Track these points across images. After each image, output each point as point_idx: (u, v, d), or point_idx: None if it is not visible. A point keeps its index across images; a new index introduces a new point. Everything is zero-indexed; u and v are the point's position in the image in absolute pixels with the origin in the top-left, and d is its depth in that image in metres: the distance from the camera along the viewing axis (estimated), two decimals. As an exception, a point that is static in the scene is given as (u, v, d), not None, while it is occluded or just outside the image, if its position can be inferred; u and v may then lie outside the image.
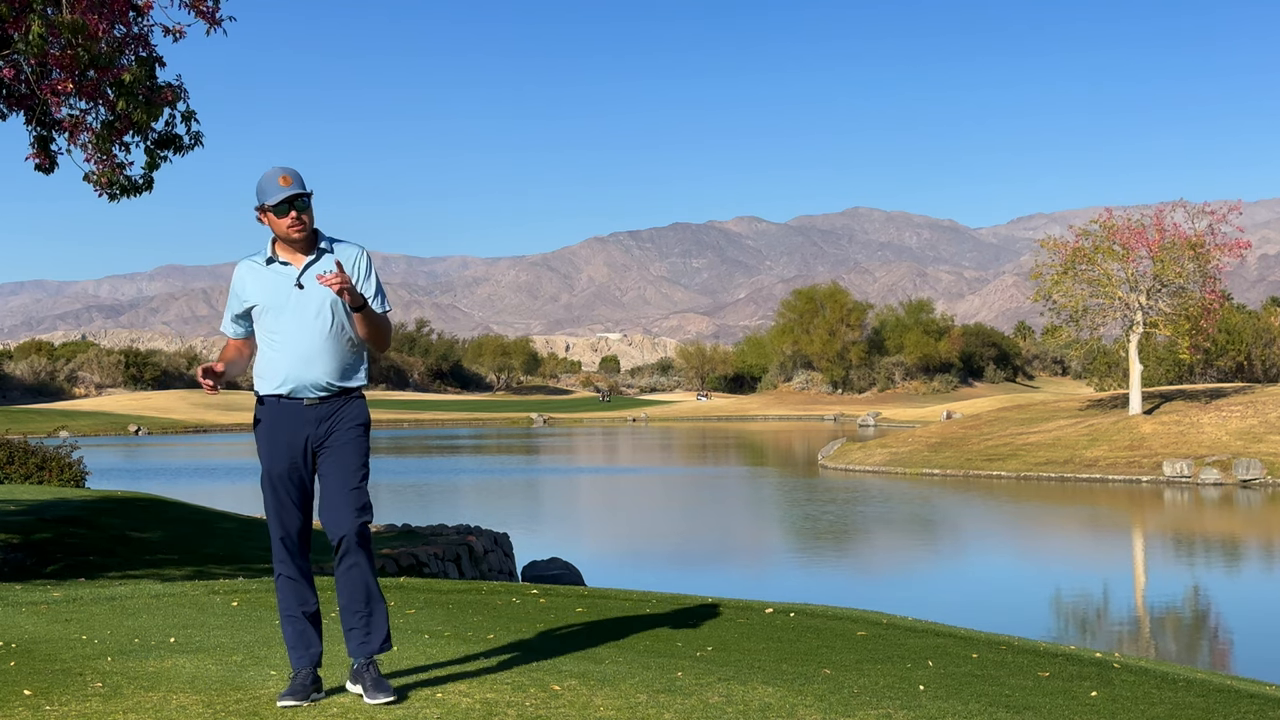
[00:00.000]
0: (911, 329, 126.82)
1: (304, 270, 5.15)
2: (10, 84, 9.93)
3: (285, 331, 5.12)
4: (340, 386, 5.16)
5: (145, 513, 17.66)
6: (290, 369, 5.10)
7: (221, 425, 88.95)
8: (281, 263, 5.17)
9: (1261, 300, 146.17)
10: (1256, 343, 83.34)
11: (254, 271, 5.21)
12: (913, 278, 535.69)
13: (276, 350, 5.14)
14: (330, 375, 5.12)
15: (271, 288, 5.15)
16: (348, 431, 5.14)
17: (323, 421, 5.12)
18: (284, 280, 5.15)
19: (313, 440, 5.12)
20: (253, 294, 5.18)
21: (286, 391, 5.12)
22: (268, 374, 5.15)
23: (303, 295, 5.12)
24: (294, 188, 5.05)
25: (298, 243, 5.15)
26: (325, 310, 5.12)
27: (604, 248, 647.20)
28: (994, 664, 6.63)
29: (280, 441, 5.11)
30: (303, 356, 5.10)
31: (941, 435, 50.82)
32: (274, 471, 5.11)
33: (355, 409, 5.20)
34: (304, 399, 5.12)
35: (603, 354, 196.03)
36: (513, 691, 5.15)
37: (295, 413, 5.12)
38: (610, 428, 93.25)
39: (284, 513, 5.12)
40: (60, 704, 4.97)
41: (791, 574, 22.44)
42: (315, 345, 5.11)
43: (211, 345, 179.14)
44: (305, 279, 5.13)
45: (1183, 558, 25.12)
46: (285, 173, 5.08)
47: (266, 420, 5.16)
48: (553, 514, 33.05)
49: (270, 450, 5.13)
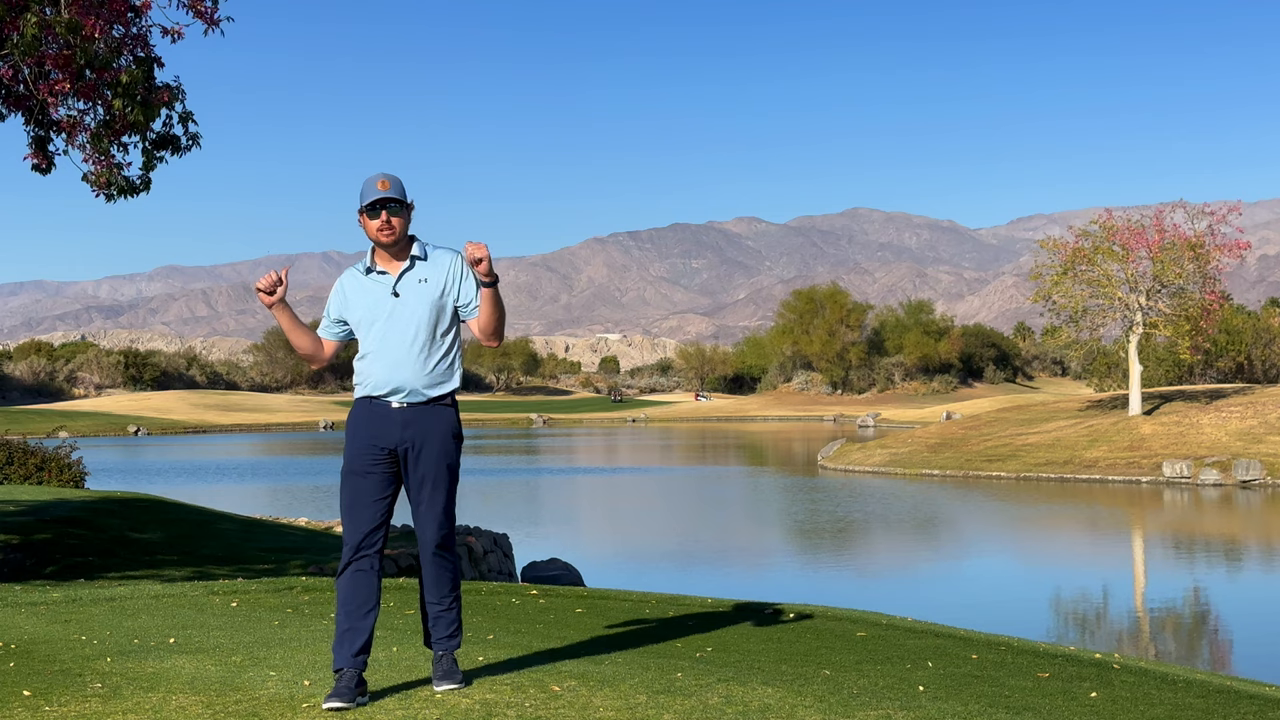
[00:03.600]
0: (911, 329, 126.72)
1: (400, 278, 5.26)
2: (8, 84, 9.92)
3: (379, 339, 5.24)
4: (430, 395, 5.25)
5: (145, 513, 17.64)
6: (382, 375, 5.22)
7: (221, 425, 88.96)
8: (380, 271, 5.29)
9: (1261, 300, 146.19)
10: (1256, 343, 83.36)
11: (355, 280, 5.35)
12: (912, 278, 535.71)
13: (371, 356, 5.25)
14: (421, 383, 5.23)
15: (370, 297, 5.27)
16: (436, 444, 5.23)
17: (409, 425, 5.21)
18: (382, 289, 5.27)
19: (400, 444, 5.20)
20: (352, 302, 5.31)
21: (378, 394, 5.23)
22: (362, 378, 5.28)
23: (398, 304, 5.23)
24: (388, 193, 5.16)
25: (389, 247, 5.24)
26: (420, 319, 5.23)
27: (603, 248, 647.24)
28: (994, 664, 6.62)
29: (365, 440, 5.21)
30: (395, 363, 5.21)
31: (941, 436, 50.81)
32: (354, 468, 5.20)
33: (445, 417, 5.29)
34: (393, 403, 5.22)
35: (602, 355, 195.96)
36: (512, 692, 5.15)
37: (384, 415, 5.22)
38: (610, 428, 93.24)
39: (359, 509, 5.18)
40: (60, 704, 4.96)
41: (791, 574, 22.44)
42: (408, 353, 5.21)
43: (211, 345, 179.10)
44: (401, 287, 5.25)
45: (1183, 558, 25.12)
46: (385, 177, 5.20)
47: (356, 419, 5.28)
48: (552, 515, 33.04)
49: (354, 447, 5.22)
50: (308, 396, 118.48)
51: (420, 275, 5.27)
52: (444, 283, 5.28)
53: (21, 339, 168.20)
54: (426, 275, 5.27)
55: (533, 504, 35.30)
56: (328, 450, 62.82)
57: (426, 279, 5.27)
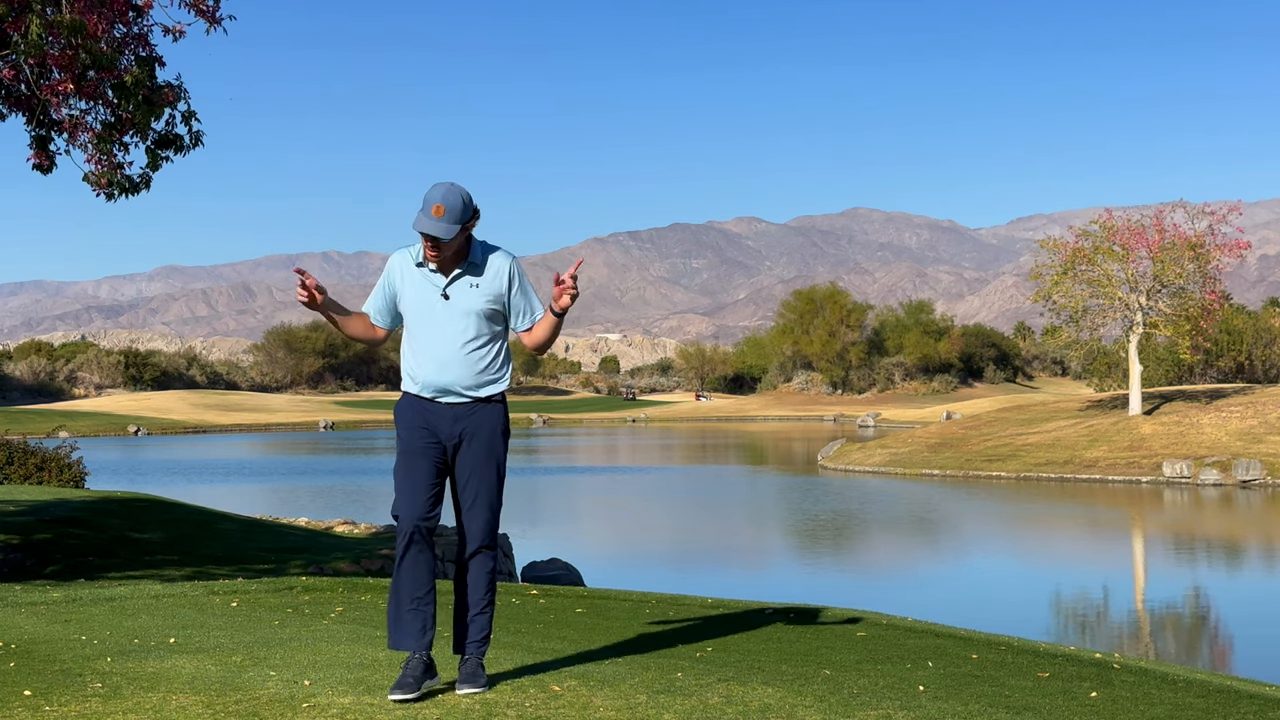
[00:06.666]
0: (911, 329, 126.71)
1: (450, 281, 5.20)
2: (10, 84, 9.93)
3: (427, 338, 5.21)
4: (476, 396, 5.23)
5: (145, 513, 17.64)
6: (429, 375, 5.21)
7: (221, 425, 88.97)
8: (431, 269, 5.23)
9: (1261, 300, 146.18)
10: (1257, 343, 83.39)
11: (407, 268, 5.27)
12: (912, 278, 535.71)
13: (418, 354, 5.23)
14: (467, 384, 5.21)
15: (419, 291, 5.23)
16: (483, 440, 5.24)
17: (459, 420, 5.21)
18: (432, 288, 5.21)
19: (448, 438, 5.21)
20: (402, 289, 5.26)
21: (428, 396, 5.24)
22: (412, 375, 5.27)
23: (447, 305, 5.19)
24: (440, 223, 4.99)
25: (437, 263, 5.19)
26: (467, 322, 5.19)
27: (603, 248, 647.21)
28: (994, 664, 6.63)
29: (417, 427, 5.21)
30: (442, 364, 5.19)
31: (941, 436, 50.81)
32: (412, 447, 5.18)
33: (493, 414, 5.27)
34: (442, 402, 5.22)
35: (602, 354, 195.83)
36: (512, 692, 5.16)
37: (434, 410, 5.23)
38: (610, 428, 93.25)
39: (418, 488, 5.14)
40: (60, 704, 4.96)
41: (791, 574, 22.45)
42: (455, 355, 5.19)
43: (211, 345, 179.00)
44: (452, 290, 5.19)
45: (1183, 558, 25.12)
46: (442, 202, 5.01)
47: (406, 411, 5.26)
48: (552, 514, 33.05)
49: (408, 430, 5.22)
50: (308, 396, 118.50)
51: (473, 280, 5.21)
52: (497, 289, 5.23)
53: (21, 339, 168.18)
54: (479, 281, 5.21)
55: (533, 504, 35.28)
56: (328, 450, 62.83)
57: (478, 284, 5.21)
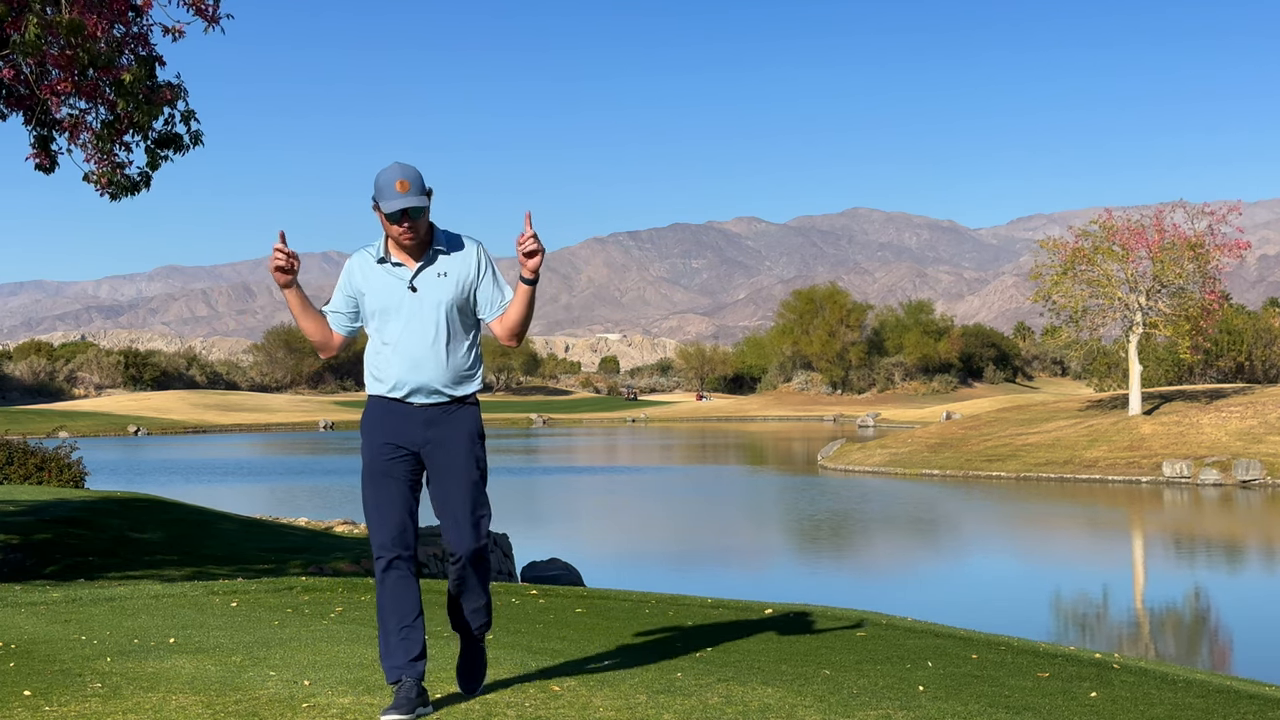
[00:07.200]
0: (911, 329, 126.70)
1: (417, 273, 4.93)
2: (10, 84, 9.93)
3: (397, 335, 4.93)
4: (452, 394, 4.98)
5: (145, 513, 17.65)
6: (401, 374, 4.92)
7: (221, 425, 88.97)
8: (394, 263, 4.95)
9: (1261, 300, 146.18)
10: (1257, 343, 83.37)
11: (367, 267, 5.00)
12: (912, 278, 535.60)
13: (388, 354, 4.95)
14: (442, 381, 4.93)
15: (384, 288, 4.95)
16: (461, 445, 4.95)
17: (431, 425, 4.93)
18: (397, 282, 4.94)
19: (420, 443, 4.93)
20: (365, 289, 4.98)
21: (398, 396, 4.94)
22: (379, 376, 4.98)
23: (416, 299, 4.92)
24: (410, 196, 4.79)
25: (409, 248, 4.94)
26: (439, 315, 4.92)
27: (603, 248, 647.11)
28: (993, 664, 6.63)
29: (383, 439, 4.92)
30: (415, 361, 4.91)
31: (941, 436, 50.81)
32: (375, 466, 4.90)
33: (467, 416, 5.00)
34: (414, 403, 4.96)
35: (602, 354, 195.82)
36: (512, 692, 5.15)
37: (404, 413, 4.94)
38: (610, 428, 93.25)
39: (385, 509, 4.88)
40: (60, 704, 4.96)
41: (791, 574, 22.45)
42: (427, 350, 4.91)
43: (211, 346, 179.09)
44: (419, 281, 4.94)
45: (1183, 558, 25.12)
46: (404, 177, 4.81)
47: (373, 418, 4.97)
48: (552, 514, 33.06)
49: (372, 445, 4.93)
50: (307, 396, 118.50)
51: (440, 269, 4.95)
52: (465, 277, 4.97)
53: (21, 339, 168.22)
54: (446, 269, 4.96)
55: (532, 504, 35.28)
56: (328, 450, 62.81)
57: (446, 273, 4.95)
